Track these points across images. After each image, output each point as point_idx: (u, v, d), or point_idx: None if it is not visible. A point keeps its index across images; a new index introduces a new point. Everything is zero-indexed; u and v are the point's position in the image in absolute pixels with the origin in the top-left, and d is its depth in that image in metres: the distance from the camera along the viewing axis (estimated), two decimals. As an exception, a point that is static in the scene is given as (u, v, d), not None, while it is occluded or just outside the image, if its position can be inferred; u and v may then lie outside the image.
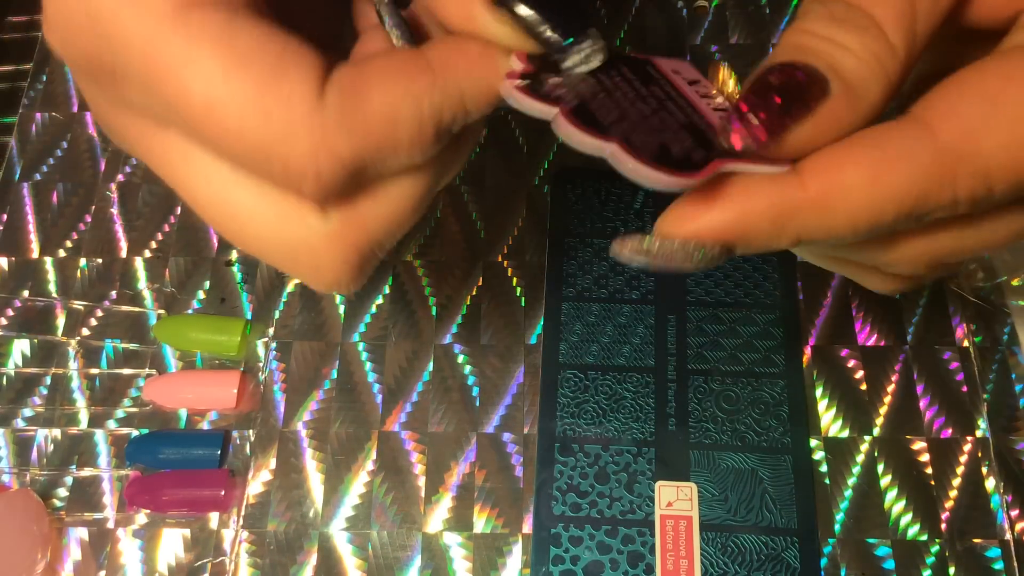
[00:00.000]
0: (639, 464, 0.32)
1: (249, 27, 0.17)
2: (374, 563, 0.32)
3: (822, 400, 0.34)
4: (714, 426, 0.33)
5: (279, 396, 0.35)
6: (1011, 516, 0.32)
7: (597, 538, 0.31)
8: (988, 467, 0.32)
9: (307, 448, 0.34)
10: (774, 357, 0.34)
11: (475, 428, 0.34)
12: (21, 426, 0.35)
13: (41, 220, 0.39)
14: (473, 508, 0.32)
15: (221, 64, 0.16)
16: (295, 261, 0.20)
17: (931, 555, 0.31)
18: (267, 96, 0.17)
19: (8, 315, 0.37)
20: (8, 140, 0.41)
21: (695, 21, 0.42)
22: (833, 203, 0.17)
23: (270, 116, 0.17)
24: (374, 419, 0.34)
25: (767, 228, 0.18)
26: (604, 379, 0.34)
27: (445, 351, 0.35)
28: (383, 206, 0.20)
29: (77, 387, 0.35)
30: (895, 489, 0.32)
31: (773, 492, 0.32)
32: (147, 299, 0.37)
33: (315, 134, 0.17)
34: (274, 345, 0.35)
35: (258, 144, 0.17)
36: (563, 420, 0.33)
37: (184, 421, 0.34)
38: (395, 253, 0.37)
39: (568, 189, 0.38)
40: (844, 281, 0.36)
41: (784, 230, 0.18)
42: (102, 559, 0.32)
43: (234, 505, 0.33)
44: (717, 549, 0.31)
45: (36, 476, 0.34)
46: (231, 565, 0.32)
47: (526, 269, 0.37)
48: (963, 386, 0.34)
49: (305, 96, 0.17)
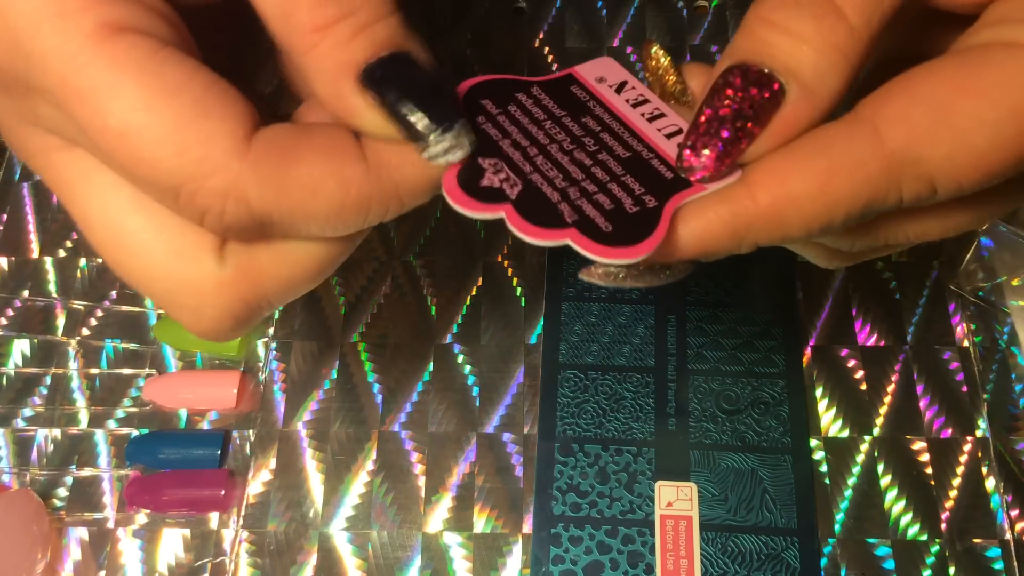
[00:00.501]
0: (639, 464, 0.32)
1: (176, 60, 0.17)
2: (374, 563, 0.32)
3: (822, 400, 0.34)
4: (714, 426, 0.33)
5: (279, 396, 0.35)
6: (1011, 516, 0.32)
7: (597, 538, 0.31)
8: (988, 467, 0.32)
9: (307, 448, 0.34)
10: (774, 357, 0.34)
11: (475, 428, 0.34)
12: (21, 426, 0.35)
13: (41, 220, 0.39)
14: (473, 508, 0.32)
15: (144, 92, 0.16)
16: (179, 300, 0.19)
17: (931, 555, 0.31)
18: (188, 130, 0.16)
19: (8, 315, 0.37)
20: (8, 140, 0.41)
21: (695, 21, 0.42)
22: (784, 213, 0.18)
23: (187, 150, 0.16)
24: (374, 419, 0.34)
25: (726, 242, 0.18)
26: (604, 379, 0.34)
27: (445, 351, 0.35)
28: (283, 265, 0.19)
29: (77, 387, 0.35)
30: (895, 489, 0.32)
31: (773, 492, 0.32)
32: (147, 299, 0.37)
33: (230, 175, 0.17)
34: (274, 345, 0.35)
35: (169, 173, 0.17)
36: (563, 420, 0.33)
37: (184, 421, 0.34)
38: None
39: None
40: (844, 281, 0.36)
41: (742, 241, 0.18)
42: (102, 559, 0.32)
43: (234, 505, 0.33)
44: (717, 549, 0.31)
45: (36, 476, 0.34)
46: (231, 565, 0.32)
47: (526, 269, 0.37)
48: (963, 386, 0.34)
49: (227, 136, 0.17)
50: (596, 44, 0.42)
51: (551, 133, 0.20)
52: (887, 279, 0.36)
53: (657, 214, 0.18)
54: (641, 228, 0.18)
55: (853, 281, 0.36)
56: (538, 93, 0.21)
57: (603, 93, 0.21)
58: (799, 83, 0.18)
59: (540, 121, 0.20)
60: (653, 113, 0.20)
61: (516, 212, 0.18)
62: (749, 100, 0.18)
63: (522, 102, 0.21)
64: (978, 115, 0.17)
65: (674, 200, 0.18)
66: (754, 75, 0.18)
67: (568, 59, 0.41)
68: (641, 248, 0.18)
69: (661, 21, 0.42)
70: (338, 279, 0.37)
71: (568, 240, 0.18)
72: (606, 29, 0.42)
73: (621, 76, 0.21)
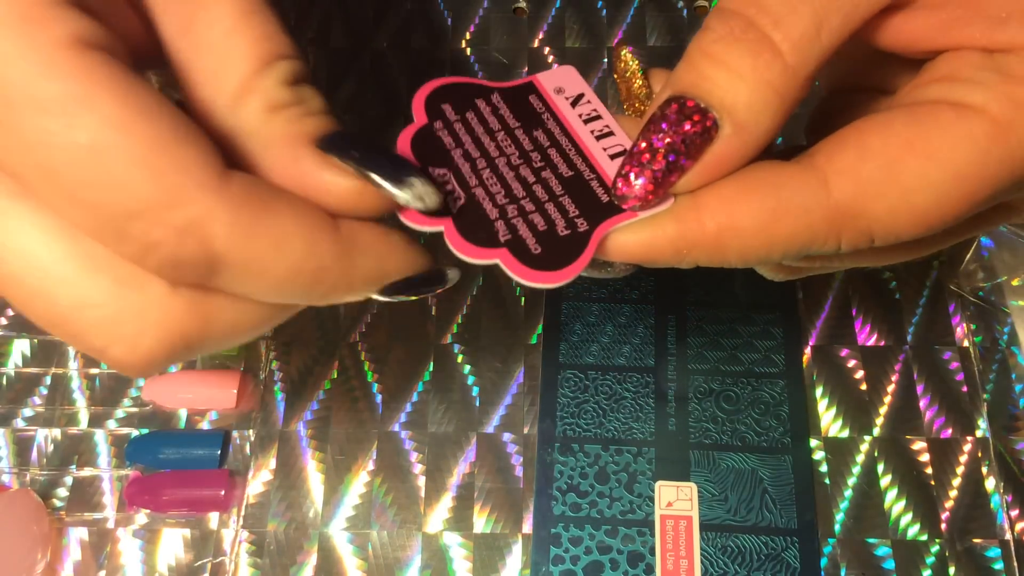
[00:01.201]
0: (639, 464, 0.32)
1: (146, 86, 0.16)
2: (374, 563, 0.32)
3: (822, 400, 0.34)
4: (714, 426, 0.33)
5: (279, 396, 0.35)
6: (1011, 516, 0.32)
7: (597, 538, 0.31)
8: (988, 467, 0.32)
9: (307, 448, 0.34)
10: (774, 357, 0.34)
11: (475, 428, 0.34)
12: (21, 426, 0.35)
13: (41, 220, 0.39)
14: (473, 508, 0.32)
15: (119, 110, 0.15)
16: (112, 331, 0.17)
17: (931, 555, 0.31)
18: (164, 154, 0.16)
19: (8, 315, 0.37)
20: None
21: (695, 21, 0.42)
22: (727, 242, 0.18)
23: (162, 176, 0.15)
24: (374, 419, 0.34)
25: (668, 257, 0.19)
26: (604, 379, 0.34)
27: (445, 351, 0.35)
28: (235, 310, 0.18)
29: (77, 387, 0.35)
30: (895, 489, 0.32)
31: (773, 492, 0.32)
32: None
33: (200, 209, 0.16)
34: (274, 345, 0.35)
35: (135, 199, 0.15)
36: (563, 420, 0.33)
37: (184, 421, 0.34)
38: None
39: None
40: (844, 281, 0.36)
41: (683, 258, 0.19)
42: (102, 559, 0.32)
43: (234, 505, 0.33)
44: (717, 549, 0.31)
45: (36, 476, 0.34)
46: (231, 565, 0.32)
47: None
48: (963, 386, 0.34)
49: (204, 168, 0.16)
50: (596, 44, 0.42)
51: (502, 146, 0.21)
52: (887, 279, 0.36)
53: (586, 239, 0.19)
54: (568, 252, 0.19)
55: (853, 281, 0.36)
56: (497, 101, 0.21)
57: (558, 105, 0.22)
58: (732, 120, 0.18)
59: (493, 132, 0.21)
60: (602, 131, 0.21)
61: (454, 227, 0.19)
62: (682, 135, 0.18)
63: (480, 109, 0.21)
64: (924, 175, 0.17)
65: (604, 225, 0.19)
66: (690, 109, 0.18)
67: (568, 59, 0.41)
68: (563, 274, 0.19)
69: (661, 21, 0.42)
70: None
71: (498, 260, 0.19)
72: (606, 29, 0.42)
73: (579, 88, 0.22)
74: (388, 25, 0.42)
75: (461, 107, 0.21)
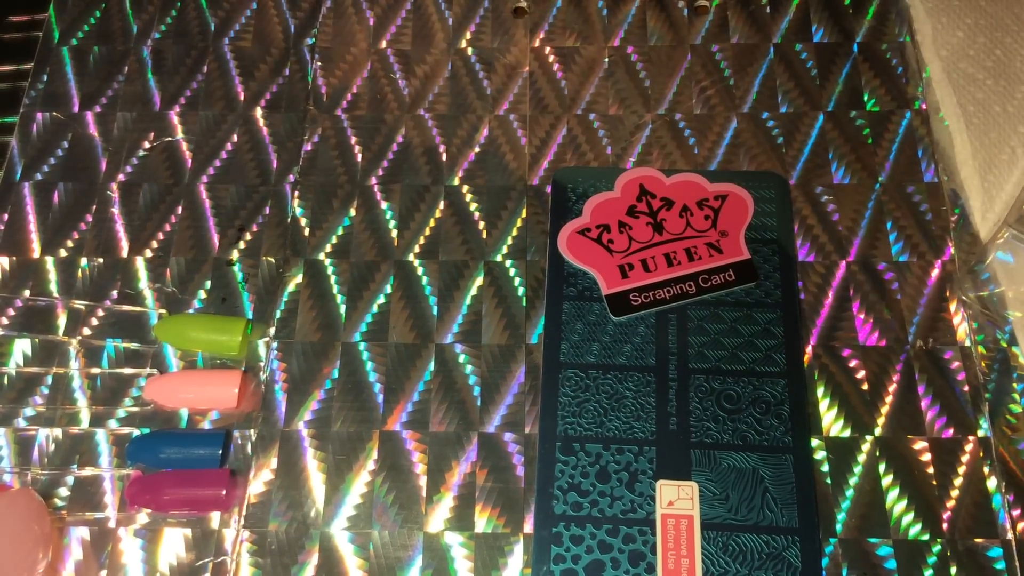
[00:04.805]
0: (640, 463, 0.32)
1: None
2: (375, 563, 0.32)
3: (823, 399, 0.34)
4: (715, 425, 0.33)
5: (280, 396, 0.35)
6: (1012, 516, 0.32)
7: (598, 537, 0.31)
8: (989, 467, 0.32)
9: (308, 448, 0.34)
10: (775, 356, 0.34)
11: (476, 428, 0.34)
12: (22, 425, 0.35)
13: (42, 220, 0.39)
14: (474, 508, 0.32)
15: None
16: None
17: (932, 555, 0.31)
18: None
19: (9, 315, 0.37)
20: (9, 140, 0.41)
21: (695, 21, 0.42)
22: None
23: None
24: (375, 419, 0.34)
25: None
26: (605, 378, 0.34)
27: (446, 351, 0.35)
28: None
29: (78, 387, 0.35)
30: (896, 489, 0.32)
31: (774, 491, 0.32)
32: (148, 299, 0.37)
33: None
34: (275, 344, 0.35)
35: None
36: (564, 419, 0.33)
37: (185, 421, 0.34)
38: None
39: (568, 189, 0.38)
40: (845, 281, 0.36)
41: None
42: (103, 559, 0.32)
43: (235, 505, 0.33)
44: (718, 548, 0.31)
45: (37, 475, 0.34)
46: (232, 565, 0.32)
47: (526, 269, 0.37)
48: (964, 386, 0.34)
49: None
50: (596, 44, 0.42)
51: None
52: (889, 279, 0.36)
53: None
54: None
55: (854, 280, 0.36)
56: None
57: None
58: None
59: None
60: None
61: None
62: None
63: None
64: None
65: None
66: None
67: (568, 59, 0.41)
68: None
69: (661, 21, 0.42)
70: (339, 279, 0.37)
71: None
72: (606, 29, 0.42)
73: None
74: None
75: None
